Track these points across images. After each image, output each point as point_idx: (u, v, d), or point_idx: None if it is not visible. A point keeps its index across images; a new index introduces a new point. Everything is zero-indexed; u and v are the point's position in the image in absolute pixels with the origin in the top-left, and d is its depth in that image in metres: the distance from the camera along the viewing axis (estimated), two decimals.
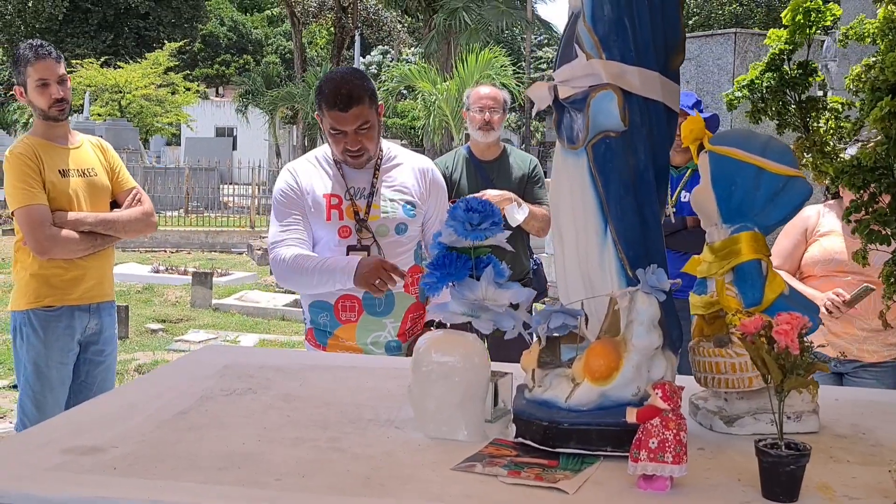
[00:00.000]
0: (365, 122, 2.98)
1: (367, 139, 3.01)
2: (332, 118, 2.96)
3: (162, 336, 9.03)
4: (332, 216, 3.04)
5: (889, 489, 1.46)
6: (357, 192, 3.08)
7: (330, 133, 3.01)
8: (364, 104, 2.97)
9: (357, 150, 3.00)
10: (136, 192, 3.89)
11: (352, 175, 3.10)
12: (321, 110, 3.01)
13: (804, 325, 1.48)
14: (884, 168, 2.32)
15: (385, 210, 3.08)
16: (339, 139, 3.00)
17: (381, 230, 3.06)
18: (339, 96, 2.95)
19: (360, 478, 1.56)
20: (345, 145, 3.00)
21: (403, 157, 3.27)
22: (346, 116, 2.94)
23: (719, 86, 7.41)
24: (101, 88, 29.57)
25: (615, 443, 1.64)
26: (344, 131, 2.97)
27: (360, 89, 2.98)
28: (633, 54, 1.73)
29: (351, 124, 2.96)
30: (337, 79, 3.01)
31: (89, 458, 1.62)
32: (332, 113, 2.95)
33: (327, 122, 2.99)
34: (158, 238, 16.37)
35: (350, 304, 3.02)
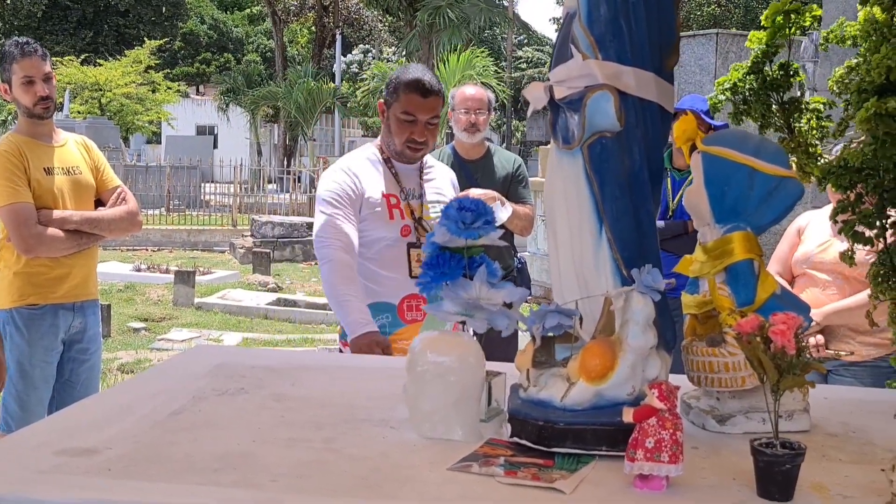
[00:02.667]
0: (436, 116, 3.09)
1: (431, 135, 3.11)
2: (410, 102, 3.03)
3: (144, 335, 8.99)
4: (395, 215, 3.11)
5: (882, 488, 1.47)
6: (409, 193, 3.15)
7: (400, 120, 3.06)
8: (439, 98, 3.08)
9: (422, 141, 3.08)
10: (120, 191, 3.87)
11: (402, 176, 3.17)
12: (395, 95, 3.06)
13: (800, 326, 1.49)
14: (870, 169, 2.34)
15: (435, 211, 3.16)
16: (407, 127, 3.05)
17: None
18: (422, 83, 3.04)
19: (357, 479, 1.55)
20: (411, 134, 3.06)
21: (435, 164, 3.41)
22: (425, 103, 3.03)
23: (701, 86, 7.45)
24: (80, 86, 29.38)
25: (610, 442, 1.65)
26: (416, 119, 3.04)
27: (438, 84, 3.10)
28: (629, 55, 1.74)
29: (426, 113, 3.04)
30: (419, 69, 3.14)
31: (83, 459, 1.61)
32: (411, 97, 3.02)
33: (400, 107, 3.05)
34: (140, 237, 16.27)
35: (416, 304, 3.06)
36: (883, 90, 2.25)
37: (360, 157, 3.23)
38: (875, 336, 3.46)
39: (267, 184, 23.15)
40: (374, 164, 3.19)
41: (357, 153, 3.28)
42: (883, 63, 2.23)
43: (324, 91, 28.21)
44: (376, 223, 3.10)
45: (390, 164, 3.18)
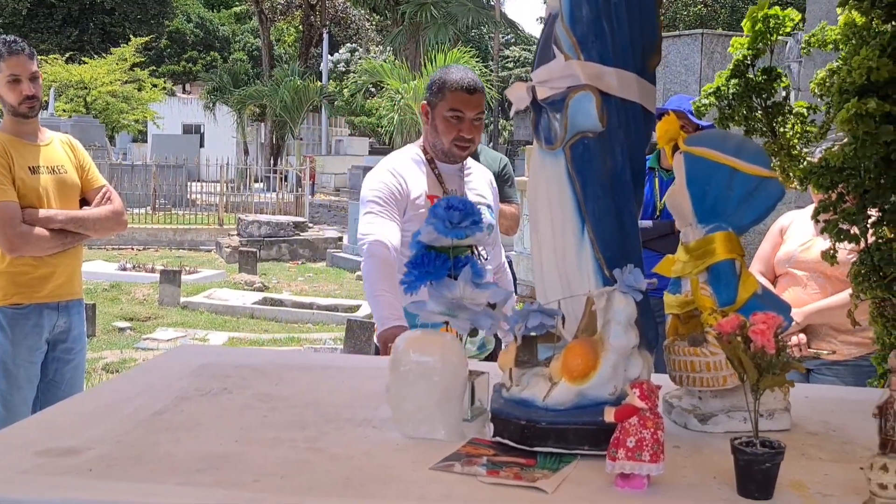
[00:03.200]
0: (482, 112, 3.13)
1: (478, 132, 3.13)
2: (457, 100, 3.05)
3: (130, 334, 8.96)
4: None
5: (861, 486, 1.48)
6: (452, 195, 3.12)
7: (446, 118, 3.08)
8: (483, 95, 3.13)
9: (470, 139, 3.10)
10: (105, 191, 3.86)
11: (446, 178, 3.19)
12: (441, 95, 3.09)
13: (779, 325, 1.50)
14: (851, 169, 2.36)
15: None
16: (454, 126, 3.08)
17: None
18: (467, 81, 3.09)
19: (339, 478, 1.55)
20: (459, 132, 3.08)
21: (474, 165, 3.41)
22: (471, 100, 3.06)
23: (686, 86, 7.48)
24: (65, 84, 29.23)
25: (592, 441, 1.65)
26: (463, 116, 3.07)
27: (480, 82, 3.15)
28: (611, 56, 1.75)
29: (473, 110, 3.07)
30: (460, 68, 3.19)
31: (65, 459, 1.61)
32: (458, 94, 3.05)
33: (446, 106, 3.07)
34: (125, 236, 16.21)
35: None
36: (863, 91, 2.27)
37: (404, 158, 3.25)
38: (857, 335, 3.48)
39: (253, 183, 23.09)
40: (419, 164, 3.21)
41: (401, 154, 3.31)
42: (864, 64, 2.25)
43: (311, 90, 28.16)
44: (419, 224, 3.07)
45: (433, 165, 3.20)
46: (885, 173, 2.27)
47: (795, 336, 3.60)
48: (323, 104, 30.53)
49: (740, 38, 2.67)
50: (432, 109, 3.14)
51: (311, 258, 15.58)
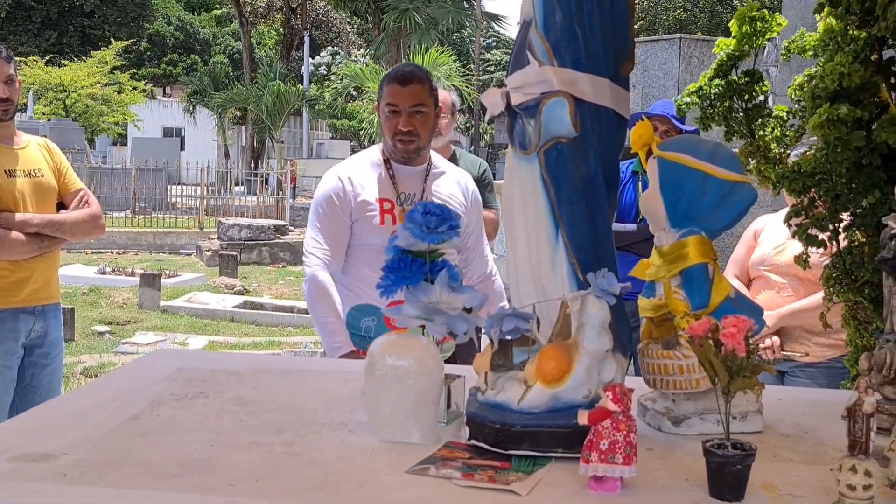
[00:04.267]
0: (421, 103, 3.03)
1: (421, 125, 3.05)
2: (391, 93, 3.02)
3: (109, 338, 8.91)
4: (386, 221, 3.06)
5: (831, 487, 1.50)
6: (408, 198, 3.10)
7: (385, 113, 3.05)
8: (423, 86, 3.04)
9: (408, 131, 3.03)
10: (83, 194, 3.83)
11: (402, 179, 3.13)
12: (380, 90, 3.07)
13: (750, 328, 1.52)
14: (823, 173, 2.39)
15: None
16: (392, 120, 3.04)
17: None
18: (401, 72, 3.06)
19: (314, 482, 1.56)
20: (396, 126, 3.03)
21: (448, 168, 3.34)
22: (404, 91, 3.00)
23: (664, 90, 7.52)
24: (45, 87, 29.05)
25: (566, 444, 1.67)
26: (399, 109, 3.02)
27: (421, 73, 3.10)
28: (585, 61, 1.76)
29: (407, 101, 3.01)
30: (403, 64, 3.21)
31: (39, 465, 1.60)
32: (392, 87, 3.02)
33: (384, 101, 3.04)
34: (105, 239, 16.11)
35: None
36: (836, 96, 2.30)
37: (360, 160, 3.23)
38: (830, 337, 3.51)
39: (234, 186, 23.03)
40: (374, 166, 3.16)
41: (360, 155, 3.29)
42: (836, 70, 2.28)
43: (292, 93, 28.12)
44: (367, 228, 3.07)
45: (389, 167, 3.15)
46: (856, 178, 2.30)
47: (769, 338, 3.63)
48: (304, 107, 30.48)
49: (726, 38, 2.69)
50: (378, 108, 3.14)
51: (292, 261, 15.56)
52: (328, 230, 3.08)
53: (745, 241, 3.92)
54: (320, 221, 3.09)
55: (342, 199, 3.08)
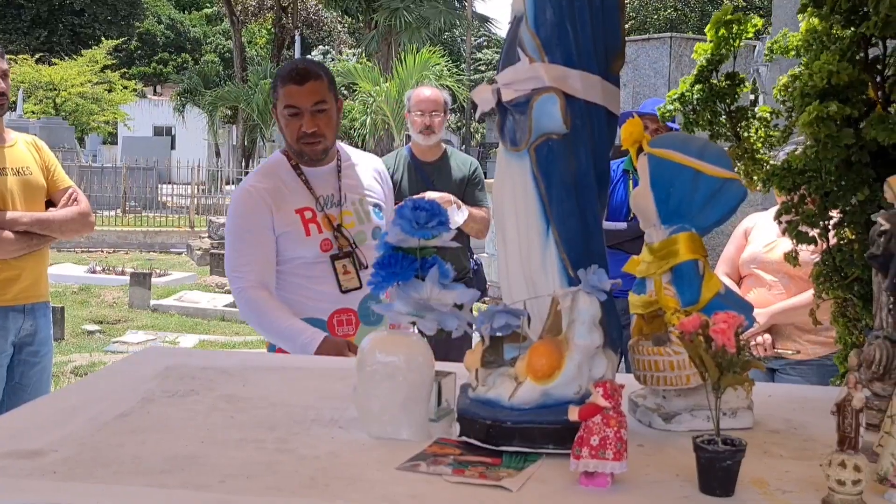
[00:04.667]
0: (322, 100, 2.85)
1: (325, 124, 2.87)
2: (288, 94, 2.83)
3: (99, 337, 8.89)
4: (311, 231, 2.90)
5: (821, 482, 1.51)
6: (326, 201, 2.94)
7: (284, 116, 2.86)
8: (322, 82, 2.85)
9: (313, 133, 2.85)
10: (72, 192, 3.82)
11: (316, 182, 2.95)
12: (275, 93, 2.87)
13: (740, 324, 1.53)
14: (812, 171, 2.40)
15: (359, 216, 2.97)
16: (294, 122, 2.85)
17: (359, 237, 2.95)
18: (296, 71, 2.85)
19: (305, 478, 1.56)
20: (300, 129, 2.84)
21: (357, 157, 3.16)
22: (302, 90, 2.82)
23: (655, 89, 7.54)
24: (35, 85, 28.96)
25: (557, 440, 1.67)
26: (300, 111, 2.83)
27: (317, 68, 2.90)
28: (575, 58, 1.76)
29: (307, 100, 2.82)
30: (296, 60, 2.97)
31: (28, 462, 1.60)
32: (288, 88, 2.83)
33: (282, 103, 2.85)
34: (95, 238, 16.09)
35: (347, 318, 2.90)
36: (825, 94, 2.31)
37: (268, 171, 3.00)
38: (821, 335, 3.53)
39: (225, 185, 22.98)
40: (284, 175, 2.96)
41: (266, 166, 3.06)
42: (824, 68, 2.29)
43: None
44: (292, 241, 2.90)
45: (300, 171, 2.96)
46: (846, 175, 2.31)
47: (760, 336, 3.65)
48: None
49: (704, 44, 2.71)
50: (274, 110, 2.94)
51: None
52: (254, 249, 2.87)
53: (735, 240, 3.94)
54: (243, 242, 2.89)
55: (262, 215, 2.87)
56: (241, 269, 2.88)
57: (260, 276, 2.87)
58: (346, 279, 2.91)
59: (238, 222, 2.92)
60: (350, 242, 2.92)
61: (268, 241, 2.88)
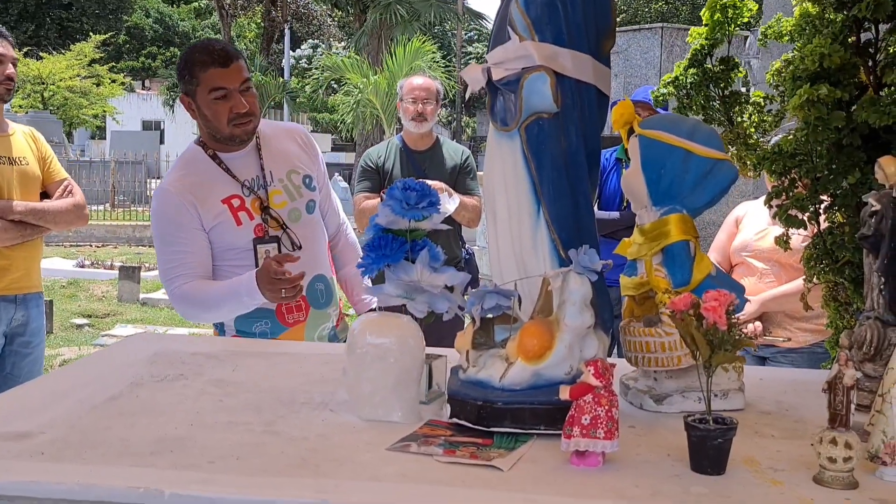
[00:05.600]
0: (247, 79, 2.75)
1: (253, 102, 2.75)
2: (213, 77, 2.68)
3: (88, 331, 8.85)
4: (243, 220, 2.77)
5: (812, 461, 1.51)
6: (253, 184, 2.81)
7: (211, 102, 2.70)
8: (242, 61, 2.75)
9: (245, 112, 2.72)
10: (67, 184, 3.78)
11: (237, 168, 2.80)
12: (193, 79, 2.70)
13: (731, 303, 1.52)
14: (803, 154, 2.40)
15: (289, 193, 2.85)
16: (223, 105, 2.70)
17: (293, 215, 2.83)
18: (216, 53, 2.69)
19: (295, 459, 1.55)
20: (231, 110, 2.70)
21: (273, 129, 3.01)
22: (229, 71, 2.68)
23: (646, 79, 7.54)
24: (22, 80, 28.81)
25: (548, 421, 1.66)
26: (229, 91, 2.69)
27: (232, 47, 2.78)
28: (566, 37, 1.76)
29: (235, 80, 2.69)
30: (201, 43, 2.76)
31: (17, 443, 1.58)
32: (213, 71, 2.67)
33: (206, 88, 2.69)
34: (83, 232, 16.00)
35: (296, 304, 2.80)
36: (816, 77, 2.30)
37: (185, 167, 2.84)
38: (811, 322, 3.53)
39: None
40: (203, 166, 2.80)
41: (182, 162, 2.88)
42: (816, 51, 2.28)
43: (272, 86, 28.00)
44: (224, 234, 2.76)
45: (219, 160, 2.80)
46: (837, 159, 2.31)
47: (751, 324, 3.65)
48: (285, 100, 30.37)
49: (699, 28, 2.70)
50: (194, 99, 2.75)
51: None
52: (185, 252, 2.74)
53: (726, 228, 3.94)
54: (172, 246, 2.75)
55: (186, 214, 2.73)
56: (175, 274, 2.75)
57: (191, 275, 2.74)
58: None
59: (163, 226, 2.78)
60: (281, 223, 2.79)
61: (198, 239, 2.76)
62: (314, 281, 2.86)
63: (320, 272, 2.90)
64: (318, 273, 2.89)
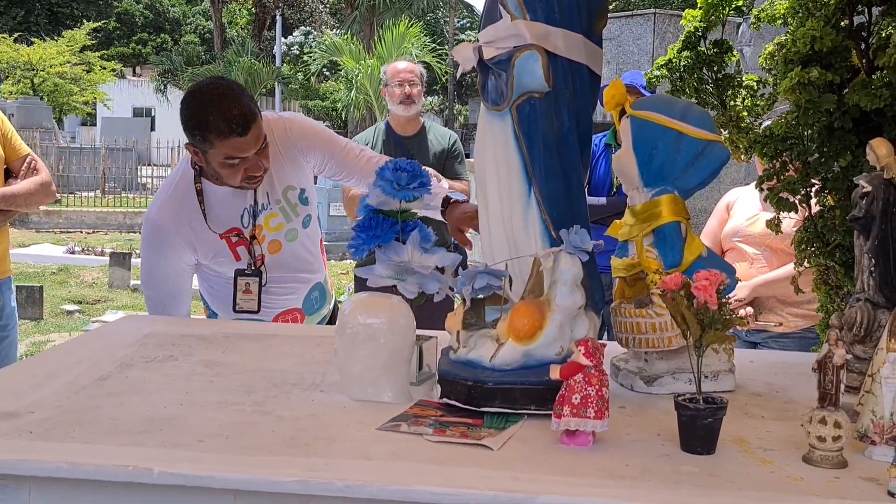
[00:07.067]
0: (264, 137, 2.54)
1: (267, 158, 2.57)
2: (230, 147, 2.46)
3: (78, 317, 8.82)
4: (241, 255, 2.67)
5: (802, 441, 1.51)
6: (249, 212, 2.68)
7: (226, 164, 2.50)
8: (258, 119, 2.51)
9: (261, 173, 2.57)
10: (30, 160, 3.65)
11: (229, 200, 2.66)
12: (206, 142, 2.48)
13: (722, 282, 1.52)
14: (794, 137, 2.40)
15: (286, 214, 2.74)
16: (237, 168, 2.51)
17: (290, 235, 2.74)
18: (234, 121, 2.45)
19: (285, 438, 1.55)
20: (246, 172, 2.53)
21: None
22: (248, 140, 2.47)
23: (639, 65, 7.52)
24: (12, 65, 28.64)
25: (539, 401, 1.66)
26: (245, 158, 2.50)
27: (248, 103, 2.51)
28: (558, 16, 1.75)
29: (253, 147, 2.49)
30: (217, 102, 2.46)
31: (4, 423, 1.58)
32: (230, 141, 2.45)
33: (220, 155, 2.49)
34: (74, 219, 15.96)
35: (292, 317, 2.77)
36: (808, 60, 2.30)
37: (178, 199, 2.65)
38: (802, 307, 3.54)
39: None
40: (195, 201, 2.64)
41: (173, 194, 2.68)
42: (808, 34, 2.28)
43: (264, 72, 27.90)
44: (222, 265, 2.68)
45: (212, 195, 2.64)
46: (828, 142, 2.31)
47: (742, 310, 3.65)
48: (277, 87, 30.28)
49: (693, 10, 2.69)
50: (204, 156, 2.53)
51: None
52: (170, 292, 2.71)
53: (717, 214, 3.94)
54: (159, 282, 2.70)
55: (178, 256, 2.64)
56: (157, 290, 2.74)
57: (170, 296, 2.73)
58: (245, 299, 2.67)
59: (153, 261, 2.69)
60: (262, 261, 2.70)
61: (186, 280, 2.71)
62: (310, 291, 2.84)
63: (317, 281, 2.87)
64: (316, 283, 2.87)
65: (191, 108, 2.52)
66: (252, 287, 2.66)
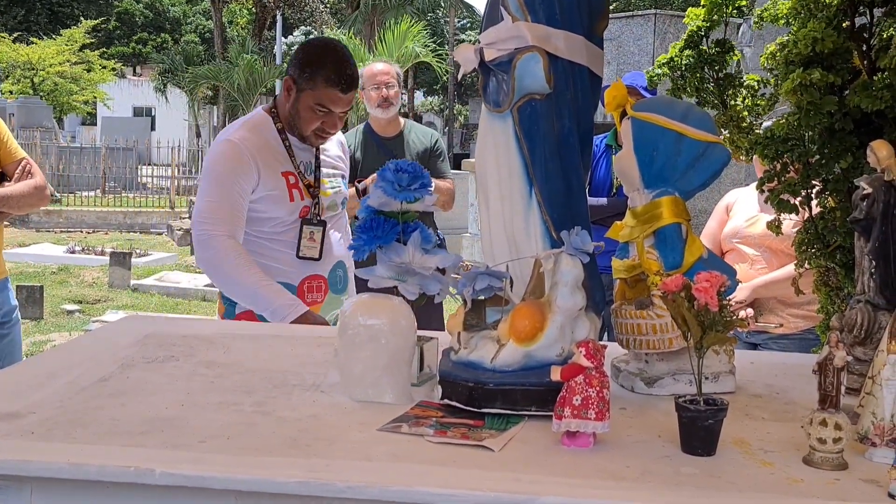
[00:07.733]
0: (350, 107, 2.92)
1: (342, 122, 2.93)
2: (328, 97, 2.80)
3: (78, 317, 8.83)
4: (295, 196, 2.88)
5: (802, 443, 1.51)
6: (306, 168, 2.95)
7: (312, 109, 2.82)
8: (357, 90, 2.91)
9: (332, 132, 2.92)
10: (25, 164, 3.66)
11: (297, 150, 2.93)
12: (310, 80, 2.79)
13: (723, 284, 1.52)
14: (795, 139, 2.40)
15: (333, 186, 3.03)
16: (318, 118, 2.83)
17: (332, 206, 3.01)
18: (345, 77, 2.80)
19: (286, 439, 1.55)
20: (323, 125, 2.85)
21: None
22: (345, 99, 2.82)
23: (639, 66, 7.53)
24: (12, 65, 28.65)
25: (540, 402, 1.66)
26: (331, 112, 2.84)
27: (357, 73, 2.90)
28: (559, 17, 1.75)
29: (344, 107, 2.85)
30: (340, 55, 2.84)
31: (6, 423, 1.58)
32: (331, 91, 2.79)
33: (314, 98, 2.80)
34: (74, 219, 15.97)
35: (317, 285, 2.93)
36: (809, 62, 2.30)
37: (253, 129, 2.89)
38: (803, 308, 3.55)
39: None
40: (269, 135, 2.89)
41: (251, 124, 2.92)
42: (809, 35, 2.28)
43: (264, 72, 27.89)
44: (275, 203, 2.86)
45: (284, 136, 2.91)
46: (829, 143, 2.31)
47: (743, 311, 3.66)
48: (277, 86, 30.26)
49: (696, 9, 2.69)
50: (298, 92, 2.83)
51: None
52: (231, 203, 2.78)
53: (716, 215, 3.94)
54: (222, 191, 2.78)
55: (247, 172, 2.79)
56: (214, 217, 2.76)
57: (231, 230, 2.77)
58: (309, 246, 2.90)
59: (221, 171, 2.80)
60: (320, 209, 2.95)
61: (244, 199, 2.80)
62: (335, 267, 3.00)
63: (341, 259, 3.03)
64: (339, 260, 3.02)
65: (315, 49, 2.89)
66: (316, 236, 2.91)
